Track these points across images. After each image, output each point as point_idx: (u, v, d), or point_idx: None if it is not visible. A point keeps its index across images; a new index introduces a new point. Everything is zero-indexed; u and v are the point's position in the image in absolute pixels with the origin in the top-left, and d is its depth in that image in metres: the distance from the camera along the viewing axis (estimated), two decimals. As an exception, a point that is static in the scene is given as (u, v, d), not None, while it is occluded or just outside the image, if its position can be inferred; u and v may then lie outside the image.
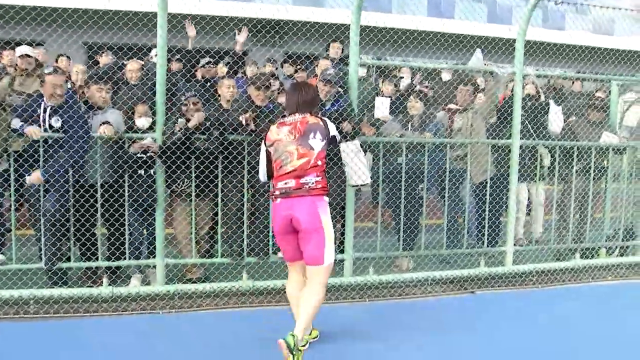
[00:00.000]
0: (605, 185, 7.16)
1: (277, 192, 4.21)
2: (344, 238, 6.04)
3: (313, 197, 4.14)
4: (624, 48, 8.34)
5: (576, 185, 6.93)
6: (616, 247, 7.15)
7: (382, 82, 7.97)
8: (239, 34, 7.06)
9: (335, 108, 5.88)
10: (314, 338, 4.55)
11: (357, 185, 5.76)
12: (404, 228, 6.31)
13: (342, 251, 6.04)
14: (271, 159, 4.33)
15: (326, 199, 4.22)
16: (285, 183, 4.17)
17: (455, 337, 4.83)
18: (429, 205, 6.67)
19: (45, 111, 5.28)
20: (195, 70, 7.35)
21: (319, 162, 4.20)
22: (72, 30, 11.18)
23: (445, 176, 6.34)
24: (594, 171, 6.90)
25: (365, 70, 8.50)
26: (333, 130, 4.35)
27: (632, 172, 7.27)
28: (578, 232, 7.10)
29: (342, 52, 8.26)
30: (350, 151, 5.64)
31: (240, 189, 5.77)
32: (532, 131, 7.00)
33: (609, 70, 10.51)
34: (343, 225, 6.08)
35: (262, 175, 4.47)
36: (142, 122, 5.75)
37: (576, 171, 6.83)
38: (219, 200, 5.76)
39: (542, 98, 7.59)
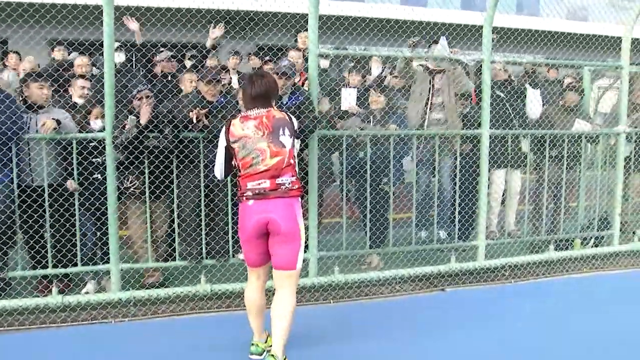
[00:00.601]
0: (579, 174, 6.95)
1: (248, 193, 3.89)
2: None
3: (291, 199, 3.90)
4: (596, 33, 8.10)
5: (550, 174, 6.72)
6: (591, 237, 6.96)
7: (349, 73, 7.70)
8: (214, 28, 6.77)
9: (293, 102, 5.62)
10: (271, 345, 4.23)
11: None
12: (371, 224, 6.07)
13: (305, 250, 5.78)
14: (233, 155, 3.99)
15: (300, 200, 3.99)
16: (259, 184, 3.87)
17: (424, 338, 4.61)
18: (399, 200, 6.44)
19: None
20: (153, 65, 7.03)
21: (292, 161, 3.96)
22: (38, 26, 10.90)
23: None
24: (568, 159, 6.70)
25: (328, 62, 8.26)
26: (297, 125, 4.12)
27: (605, 159, 7.09)
28: (552, 223, 6.92)
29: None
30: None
31: (196, 188, 5.50)
32: (512, 117, 6.76)
33: (582, 56, 10.28)
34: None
35: (219, 173, 4.11)
36: (97, 124, 5.47)
37: (549, 159, 6.62)
38: (175, 200, 5.49)
39: (515, 83, 7.35)
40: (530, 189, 6.81)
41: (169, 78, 6.69)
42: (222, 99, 5.69)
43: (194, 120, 5.25)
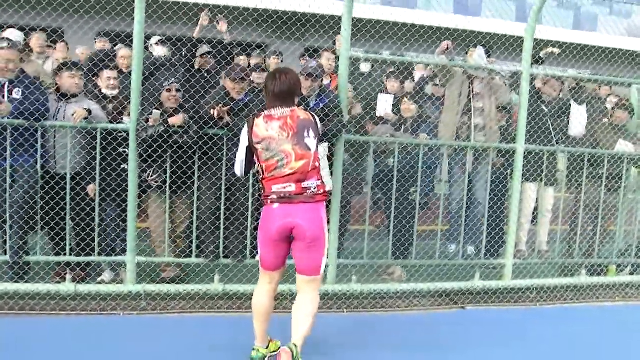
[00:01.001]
0: (621, 196, 6.61)
1: (273, 196, 3.81)
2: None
3: (317, 204, 3.83)
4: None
5: (588, 195, 6.42)
6: (627, 264, 6.61)
7: (387, 79, 7.55)
8: (218, 24, 6.75)
9: (319, 104, 5.51)
10: (273, 352, 4.18)
11: None
12: (396, 234, 5.91)
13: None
14: (255, 154, 3.89)
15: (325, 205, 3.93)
16: (284, 187, 3.78)
17: (438, 354, 4.47)
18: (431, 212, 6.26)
19: (3, 87, 5.04)
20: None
21: (317, 164, 3.87)
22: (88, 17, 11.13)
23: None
24: (610, 180, 6.39)
25: (370, 66, 8.13)
26: (321, 128, 4.02)
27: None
28: (587, 246, 6.60)
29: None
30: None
31: (216, 186, 5.45)
32: (553, 134, 6.50)
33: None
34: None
35: (240, 171, 4.04)
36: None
37: (587, 178, 6.32)
38: (195, 196, 5.46)
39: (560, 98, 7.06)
40: (566, 209, 6.52)
41: (204, 74, 6.65)
42: (246, 98, 5.61)
43: (215, 117, 5.19)
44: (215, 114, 5.16)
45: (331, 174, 5.36)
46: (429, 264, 5.92)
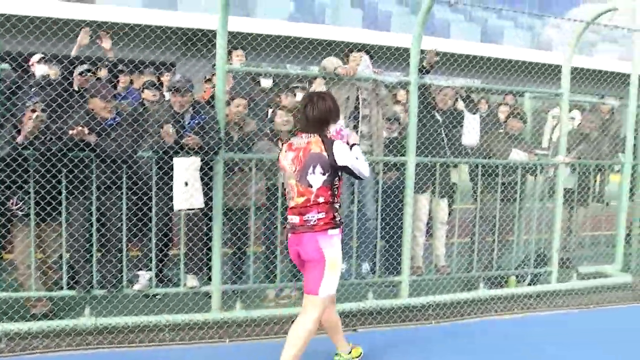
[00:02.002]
0: (518, 206, 6.53)
1: (288, 226, 4.12)
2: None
3: (314, 233, 3.96)
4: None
5: (485, 206, 6.31)
6: (527, 274, 6.52)
7: (279, 94, 7.30)
8: (100, 41, 6.39)
9: (197, 122, 5.21)
10: (355, 357, 4.58)
11: (185, 210, 5.08)
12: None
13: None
14: None
15: (332, 232, 3.97)
16: (292, 219, 4.04)
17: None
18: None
19: None
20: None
21: (320, 199, 3.94)
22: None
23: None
24: (506, 190, 6.30)
25: (270, 81, 7.89)
26: (343, 160, 3.91)
27: (545, 192, 6.69)
28: (489, 258, 6.47)
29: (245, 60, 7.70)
30: (185, 169, 4.97)
31: (89, 211, 5.07)
32: (447, 144, 6.36)
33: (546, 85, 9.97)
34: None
35: None
36: None
37: (483, 190, 6.21)
38: (64, 223, 5.05)
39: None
40: (464, 221, 6.39)
41: (82, 93, 6.25)
42: (118, 117, 5.25)
43: (75, 138, 4.81)
44: (75, 134, 4.78)
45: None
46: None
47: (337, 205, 4.03)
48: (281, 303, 5.88)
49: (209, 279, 5.39)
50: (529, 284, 6.50)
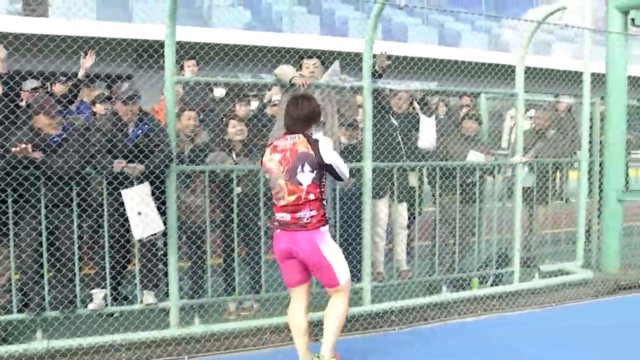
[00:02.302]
0: (477, 206, 6.51)
1: (276, 223, 4.26)
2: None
3: (309, 231, 4.14)
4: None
5: (444, 208, 6.28)
6: (489, 275, 6.51)
7: (234, 103, 7.20)
8: (84, 57, 6.21)
9: (140, 131, 5.09)
10: None
11: (147, 237, 4.96)
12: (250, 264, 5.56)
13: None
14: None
15: (324, 228, 4.20)
16: (282, 216, 4.20)
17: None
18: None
19: None
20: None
21: (311, 197, 4.12)
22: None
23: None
24: (465, 191, 6.29)
25: (224, 91, 7.79)
26: (329, 158, 4.16)
27: (503, 191, 6.70)
28: (450, 261, 6.44)
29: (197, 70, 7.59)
30: (137, 196, 4.88)
31: (37, 231, 4.89)
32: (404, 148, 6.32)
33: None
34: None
35: None
36: None
37: (442, 192, 6.19)
38: (12, 244, 4.87)
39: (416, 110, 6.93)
40: (424, 224, 6.36)
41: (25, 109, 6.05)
42: (63, 133, 5.09)
43: (19, 156, 4.65)
44: (18, 152, 4.61)
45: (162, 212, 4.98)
46: (284, 295, 5.57)
47: (324, 202, 4.26)
48: (242, 315, 5.77)
49: (167, 294, 5.27)
50: (492, 285, 6.48)
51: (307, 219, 4.12)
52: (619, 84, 7.06)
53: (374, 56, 5.79)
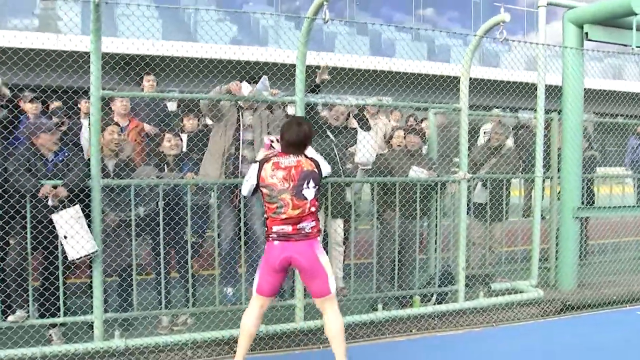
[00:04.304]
0: (417, 223, 6.38)
1: (274, 235, 4.41)
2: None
3: (310, 240, 4.41)
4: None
5: (385, 225, 6.20)
6: (432, 294, 6.38)
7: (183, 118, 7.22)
8: None
9: (60, 159, 5.12)
10: None
11: (81, 257, 4.96)
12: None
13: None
14: (260, 191, 4.45)
15: (319, 238, 4.53)
16: (282, 229, 4.38)
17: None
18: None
19: None
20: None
21: (313, 209, 4.42)
22: None
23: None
24: (404, 208, 6.18)
25: (176, 105, 7.82)
26: (325, 170, 4.55)
27: (444, 207, 6.60)
28: (385, 279, 6.33)
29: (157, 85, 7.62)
30: (69, 219, 4.88)
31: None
32: (339, 163, 6.24)
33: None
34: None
35: (247, 192, 4.56)
36: None
37: (382, 208, 6.11)
38: None
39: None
40: (369, 241, 6.27)
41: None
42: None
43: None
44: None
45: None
46: (210, 310, 5.56)
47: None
48: (175, 330, 5.75)
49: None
50: (436, 303, 6.35)
51: (309, 229, 4.40)
52: (575, 98, 6.91)
53: (317, 69, 5.79)
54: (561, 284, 7.10)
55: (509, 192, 7.15)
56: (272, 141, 4.73)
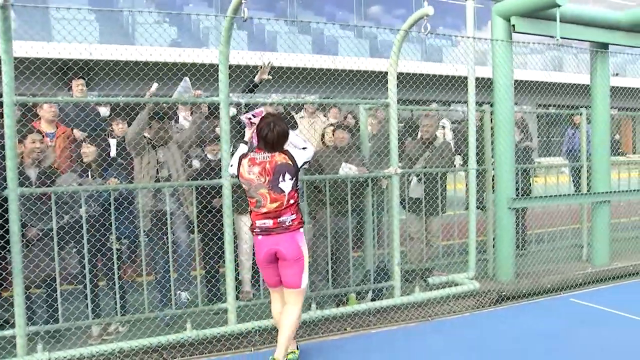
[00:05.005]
0: (349, 221, 6.34)
1: (257, 230, 4.61)
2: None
3: (292, 232, 4.57)
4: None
5: (318, 223, 6.16)
6: (367, 290, 6.36)
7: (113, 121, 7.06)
8: None
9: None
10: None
11: None
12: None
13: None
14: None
15: (302, 229, 4.68)
16: (264, 223, 4.55)
17: None
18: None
19: None
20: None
21: (292, 201, 4.55)
22: None
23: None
24: (337, 205, 6.17)
25: (108, 110, 7.66)
26: (301, 159, 4.63)
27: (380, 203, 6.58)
28: (316, 277, 6.28)
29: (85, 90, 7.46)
30: None
31: None
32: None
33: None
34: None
35: (231, 169, 4.74)
36: None
37: (315, 206, 6.07)
38: None
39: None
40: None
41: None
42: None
43: None
44: None
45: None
46: (145, 317, 5.45)
47: (299, 206, 4.72)
48: (107, 339, 5.62)
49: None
50: (372, 300, 6.34)
51: (289, 222, 4.54)
52: (505, 90, 6.95)
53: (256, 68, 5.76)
54: (499, 275, 7.14)
55: (445, 185, 7.16)
56: (249, 118, 4.82)
